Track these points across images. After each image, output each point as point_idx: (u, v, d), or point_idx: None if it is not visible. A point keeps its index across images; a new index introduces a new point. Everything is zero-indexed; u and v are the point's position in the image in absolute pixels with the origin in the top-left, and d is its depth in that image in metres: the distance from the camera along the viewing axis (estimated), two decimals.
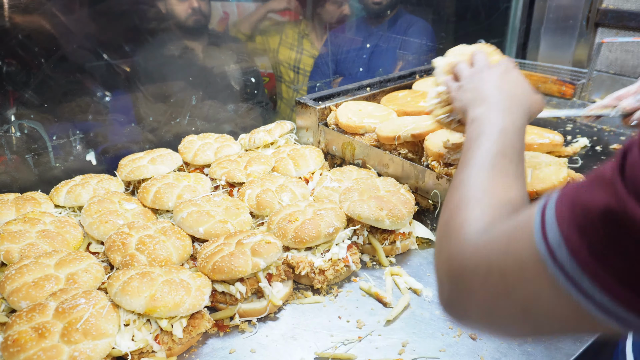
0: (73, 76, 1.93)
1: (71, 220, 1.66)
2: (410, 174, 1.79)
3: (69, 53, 1.89)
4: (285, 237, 1.55)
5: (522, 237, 0.68)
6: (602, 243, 0.57)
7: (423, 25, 2.97)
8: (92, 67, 1.98)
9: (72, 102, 1.97)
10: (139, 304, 1.27)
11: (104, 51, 1.97)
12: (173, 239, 1.54)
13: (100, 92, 2.01)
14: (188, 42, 2.40)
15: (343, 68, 2.98)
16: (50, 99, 1.88)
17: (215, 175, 1.93)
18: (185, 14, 2.42)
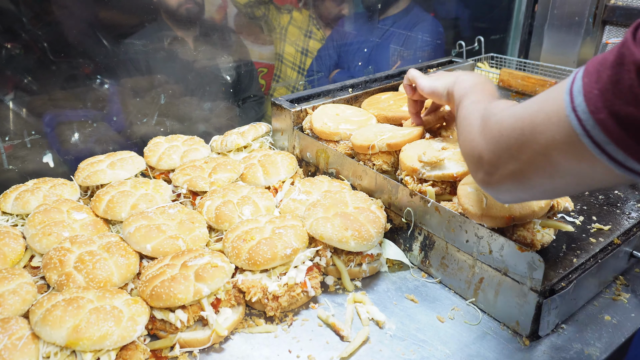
0: (26, 67, 1.80)
1: (12, 231, 1.55)
2: (384, 188, 1.64)
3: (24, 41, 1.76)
4: (239, 258, 1.42)
5: (554, 97, 0.85)
6: (610, 84, 0.75)
7: (432, 23, 2.80)
8: (53, 56, 1.85)
9: (28, 97, 1.84)
10: (60, 335, 1.15)
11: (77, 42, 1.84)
12: (116, 257, 1.42)
13: (60, 87, 1.88)
14: (178, 32, 2.28)
15: (344, 61, 2.86)
16: (2, 95, 1.76)
17: (177, 182, 1.80)
18: (177, 3, 2.29)
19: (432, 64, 2.46)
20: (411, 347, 1.31)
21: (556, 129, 0.83)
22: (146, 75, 2.14)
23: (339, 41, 2.80)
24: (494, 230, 1.33)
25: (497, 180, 1.00)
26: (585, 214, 1.63)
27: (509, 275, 1.32)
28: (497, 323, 1.38)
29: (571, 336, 1.33)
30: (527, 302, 1.29)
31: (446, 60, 2.53)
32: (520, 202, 1.22)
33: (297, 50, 2.87)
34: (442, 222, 1.46)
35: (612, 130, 0.75)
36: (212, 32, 2.41)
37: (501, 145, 0.96)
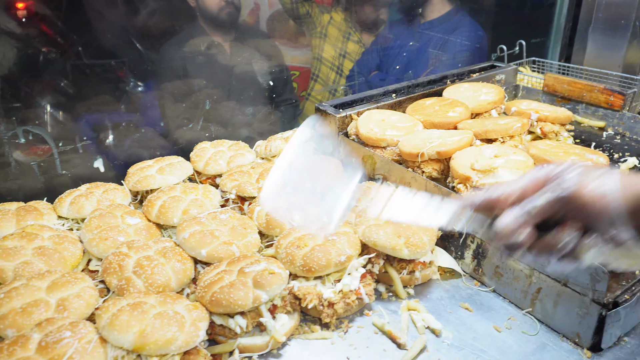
0: (80, 77, 1.84)
1: (70, 236, 1.58)
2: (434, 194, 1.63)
3: (79, 50, 1.80)
4: (293, 265, 1.42)
5: None
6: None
7: (473, 27, 2.79)
8: (101, 66, 1.89)
9: (80, 104, 1.89)
10: (127, 340, 1.17)
11: (114, 48, 1.88)
12: (173, 262, 1.44)
13: (110, 92, 1.92)
14: (208, 36, 2.30)
15: (384, 64, 2.87)
16: (54, 102, 1.80)
17: (225, 187, 1.82)
18: (217, 7, 2.31)
19: (474, 69, 2.44)
20: (469, 356, 1.30)
21: None
22: (190, 80, 2.17)
23: (382, 44, 2.80)
24: None
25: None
26: None
27: (569, 286, 1.30)
28: (556, 334, 1.36)
29: (634, 349, 1.31)
30: (589, 313, 1.27)
31: (488, 64, 2.51)
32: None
33: (336, 51, 2.88)
34: None
35: None
36: (248, 36, 2.43)
37: None
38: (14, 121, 1.71)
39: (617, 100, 2.12)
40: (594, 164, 1.59)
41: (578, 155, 1.62)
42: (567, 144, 1.74)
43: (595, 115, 2.22)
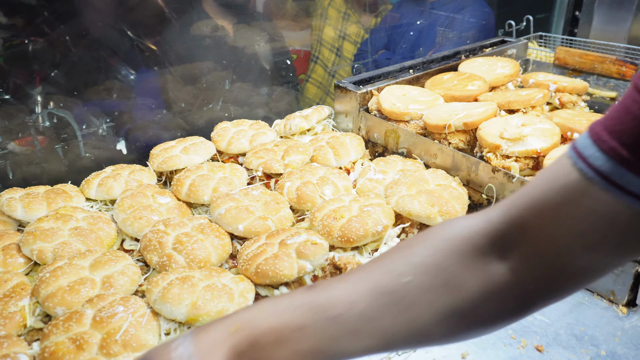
0: (100, 59, 1.83)
1: (104, 216, 1.58)
2: (462, 166, 1.66)
3: (95, 32, 1.79)
4: (331, 236, 1.44)
5: (559, 167, 0.67)
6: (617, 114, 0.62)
7: (480, 4, 2.80)
8: (120, 48, 1.88)
9: (100, 87, 1.88)
10: (181, 312, 1.19)
11: (131, 30, 1.87)
12: (212, 238, 1.45)
13: (128, 75, 1.92)
14: (218, 19, 2.28)
15: (392, 42, 2.87)
16: (78, 85, 1.79)
17: (251, 165, 1.83)
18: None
19: (486, 44, 2.47)
20: None
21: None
22: (204, 63, 2.16)
23: (390, 23, 2.81)
24: None
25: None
26: None
27: None
28: (590, 293, 1.41)
29: None
30: (624, 271, 1.31)
31: (498, 40, 2.54)
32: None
33: (336, 32, 2.88)
34: None
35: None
36: (251, 18, 2.41)
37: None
38: (38, 104, 1.69)
39: (629, 71, 2.16)
40: None
41: None
42: (588, 112, 1.78)
43: (606, 86, 2.26)
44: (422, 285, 0.73)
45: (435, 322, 0.73)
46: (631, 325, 1.29)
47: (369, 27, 2.92)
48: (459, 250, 0.73)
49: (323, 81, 2.98)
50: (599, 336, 1.27)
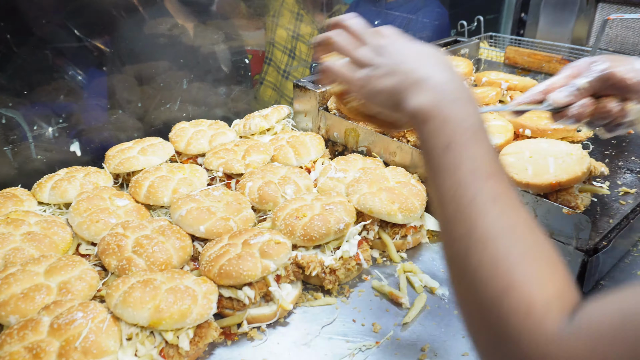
0: (49, 57, 1.77)
1: (58, 220, 1.53)
2: (420, 163, 1.70)
3: (39, 31, 1.72)
4: (293, 235, 1.45)
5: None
6: None
7: (438, 8, 2.86)
8: (70, 47, 1.82)
9: (51, 86, 1.82)
10: (143, 316, 1.16)
11: (79, 29, 1.81)
12: (172, 240, 1.43)
13: (76, 75, 1.86)
14: (174, 17, 2.24)
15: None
16: (25, 86, 1.72)
17: (211, 166, 1.81)
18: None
19: (440, 43, 2.53)
20: None
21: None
22: (160, 62, 2.12)
23: None
24: (539, 195, 1.42)
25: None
26: (610, 179, 1.74)
27: (554, 238, 1.41)
28: None
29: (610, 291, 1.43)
30: (573, 261, 1.38)
31: (452, 39, 2.60)
32: None
33: (289, 34, 2.88)
34: None
35: None
36: (207, 17, 2.39)
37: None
38: None
39: None
40: (564, 126, 1.70)
41: (548, 119, 1.73)
42: None
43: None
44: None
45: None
46: None
47: (322, 28, 2.93)
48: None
49: (277, 83, 2.97)
50: None
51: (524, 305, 0.61)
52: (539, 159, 1.49)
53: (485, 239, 0.68)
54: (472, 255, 0.68)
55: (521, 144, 1.58)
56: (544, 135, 1.67)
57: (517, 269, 0.64)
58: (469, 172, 0.74)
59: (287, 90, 2.85)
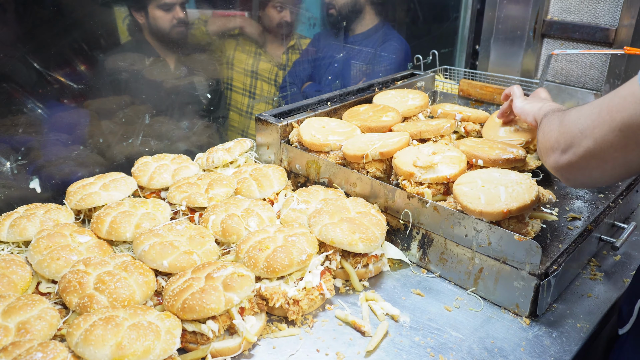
0: (4, 92, 1.76)
1: (17, 259, 1.51)
2: (380, 193, 1.76)
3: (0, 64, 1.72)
4: (256, 267, 1.47)
5: (628, 83, 1.02)
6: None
7: (399, 41, 2.98)
8: (30, 80, 1.81)
9: (9, 121, 1.80)
10: (104, 354, 1.16)
11: (39, 62, 1.82)
12: (135, 275, 1.43)
13: (36, 108, 1.85)
14: (135, 52, 2.26)
15: (316, 74, 2.95)
16: None
17: (174, 200, 1.82)
18: (169, 26, 2.26)
19: (397, 77, 2.64)
20: (428, 335, 1.43)
21: (632, 106, 0.99)
22: (127, 96, 2.13)
23: (313, 55, 2.90)
24: (492, 223, 1.49)
25: (571, 159, 1.15)
26: (559, 206, 1.83)
27: (507, 263, 1.47)
28: (498, 307, 1.53)
29: (563, 313, 1.50)
30: (526, 285, 1.45)
31: (408, 73, 2.72)
32: (589, 181, 1.24)
33: (246, 74, 2.84)
34: (441, 220, 1.60)
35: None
36: (169, 52, 2.41)
37: (577, 127, 1.12)
38: None
39: None
40: (514, 156, 1.79)
41: (500, 149, 1.82)
42: (490, 140, 1.95)
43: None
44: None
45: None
46: (533, 335, 1.42)
47: (281, 63, 2.94)
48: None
49: (239, 125, 2.93)
50: (507, 347, 1.38)
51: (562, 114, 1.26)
52: (490, 188, 1.56)
53: (542, 124, 1.36)
54: (539, 132, 1.37)
55: (474, 173, 1.66)
56: (496, 165, 1.76)
57: (552, 136, 1.25)
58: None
59: (251, 128, 2.85)
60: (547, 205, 1.75)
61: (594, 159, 1.12)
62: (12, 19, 1.75)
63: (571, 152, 1.16)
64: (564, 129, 1.19)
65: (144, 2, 2.11)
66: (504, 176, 1.61)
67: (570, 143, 1.15)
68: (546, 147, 1.27)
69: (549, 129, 1.27)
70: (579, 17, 2.80)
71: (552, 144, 1.22)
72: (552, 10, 2.89)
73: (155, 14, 2.20)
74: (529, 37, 2.94)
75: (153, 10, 2.20)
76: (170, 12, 2.24)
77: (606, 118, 1.05)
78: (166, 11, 2.23)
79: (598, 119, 1.07)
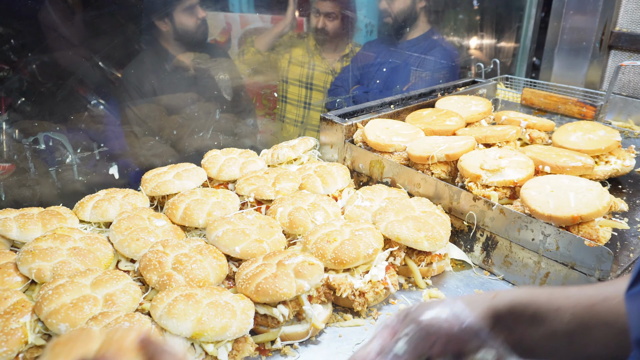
0: (90, 88, 1.88)
1: (101, 237, 1.61)
2: (444, 195, 1.77)
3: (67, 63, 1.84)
4: (324, 258, 1.52)
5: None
6: None
7: (448, 47, 3.01)
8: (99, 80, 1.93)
9: (89, 115, 1.93)
10: (186, 327, 1.23)
11: (106, 63, 1.93)
12: (210, 259, 1.50)
13: (118, 104, 1.97)
14: (193, 54, 2.34)
15: (364, 78, 3.00)
16: (73, 112, 1.83)
17: (242, 191, 1.89)
18: (195, 25, 2.37)
19: (459, 84, 2.65)
20: None
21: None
22: (189, 94, 2.24)
23: (362, 62, 2.94)
24: (561, 228, 1.48)
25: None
26: (629, 216, 1.80)
27: (576, 269, 1.46)
28: None
29: None
30: None
31: (470, 80, 2.73)
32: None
33: (303, 67, 2.90)
34: (507, 223, 1.60)
35: None
36: (232, 53, 2.50)
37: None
38: (35, 127, 1.73)
39: (589, 112, 2.36)
40: (582, 164, 1.78)
41: (568, 157, 1.81)
42: (556, 148, 1.94)
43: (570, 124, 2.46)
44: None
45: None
46: None
47: (335, 67, 2.99)
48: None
49: (298, 118, 3.01)
50: None
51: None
52: (560, 193, 1.56)
53: None
54: None
55: (542, 179, 1.66)
56: (563, 172, 1.75)
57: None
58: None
59: (312, 119, 2.90)
60: (618, 213, 1.73)
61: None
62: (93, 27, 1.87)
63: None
64: None
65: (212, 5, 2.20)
66: (574, 182, 1.60)
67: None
68: None
69: None
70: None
71: None
72: (621, 21, 2.84)
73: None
74: (595, 48, 2.89)
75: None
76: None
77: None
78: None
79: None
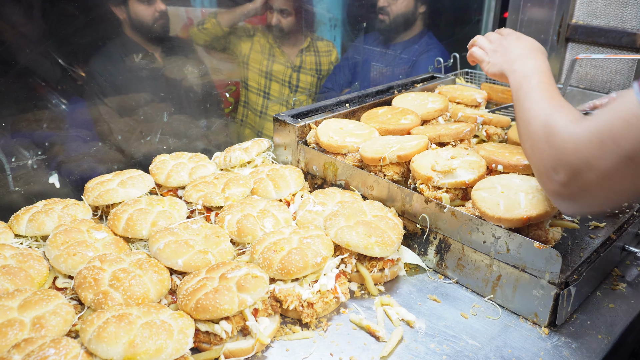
0: (28, 87, 1.78)
1: (35, 253, 1.52)
2: (397, 197, 1.73)
3: (22, 59, 1.74)
4: (271, 268, 1.46)
5: (627, 102, 0.96)
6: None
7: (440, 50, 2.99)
8: (50, 76, 1.83)
9: (30, 117, 1.82)
10: (117, 351, 1.16)
11: (62, 58, 1.83)
12: (150, 273, 1.43)
13: (59, 104, 1.87)
14: (152, 49, 2.26)
15: (355, 79, 2.97)
16: (5, 115, 1.73)
17: (191, 198, 1.82)
18: (152, 18, 2.27)
19: (417, 79, 2.61)
20: (444, 342, 1.40)
21: (639, 130, 0.93)
22: (139, 94, 2.14)
23: (352, 61, 2.90)
24: (511, 230, 1.45)
25: (576, 192, 1.08)
26: None
27: (526, 271, 1.44)
28: (516, 316, 1.50)
29: (583, 323, 1.46)
30: (545, 294, 1.41)
31: (428, 75, 2.69)
32: (594, 209, 1.23)
33: (261, 75, 2.84)
34: (459, 226, 1.57)
35: None
36: (188, 51, 2.41)
37: (578, 157, 1.04)
38: None
39: None
40: None
41: (521, 155, 1.79)
42: (510, 145, 1.91)
43: None
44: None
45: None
46: (552, 345, 1.39)
47: (295, 65, 2.92)
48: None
49: (254, 124, 2.93)
50: (524, 357, 1.35)
51: (548, 128, 1.16)
52: (510, 194, 1.53)
53: (522, 120, 1.30)
54: (519, 127, 1.32)
55: (494, 179, 1.63)
56: (516, 170, 1.72)
57: (544, 160, 1.16)
58: (526, 101, 1.32)
59: (265, 129, 2.86)
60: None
61: (601, 190, 1.04)
62: (38, 15, 1.77)
63: (574, 185, 1.07)
64: (559, 156, 1.09)
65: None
66: (525, 182, 1.58)
67: (572, 175, 1.06)
68: (540, 170, 1.18)
69: (535, 139, 1.19)
70: (605, 21, 2.73)
71: (548, 172, 1.13)
72: (578, 14, 2.83)
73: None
74: (553, 41, 2.88)
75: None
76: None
77: (612, 147, 0.97)
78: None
79: (602, 148, 0.99)
